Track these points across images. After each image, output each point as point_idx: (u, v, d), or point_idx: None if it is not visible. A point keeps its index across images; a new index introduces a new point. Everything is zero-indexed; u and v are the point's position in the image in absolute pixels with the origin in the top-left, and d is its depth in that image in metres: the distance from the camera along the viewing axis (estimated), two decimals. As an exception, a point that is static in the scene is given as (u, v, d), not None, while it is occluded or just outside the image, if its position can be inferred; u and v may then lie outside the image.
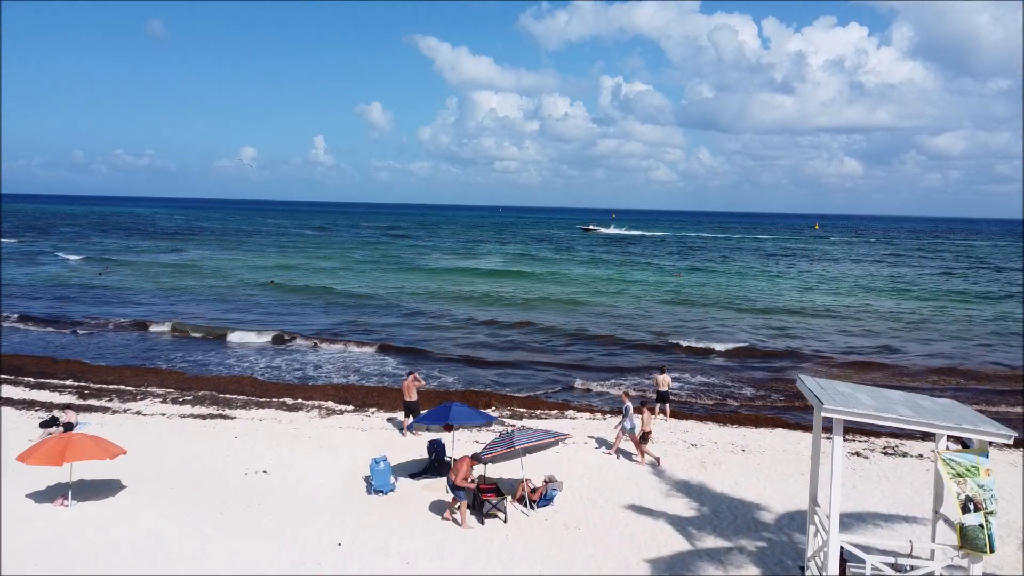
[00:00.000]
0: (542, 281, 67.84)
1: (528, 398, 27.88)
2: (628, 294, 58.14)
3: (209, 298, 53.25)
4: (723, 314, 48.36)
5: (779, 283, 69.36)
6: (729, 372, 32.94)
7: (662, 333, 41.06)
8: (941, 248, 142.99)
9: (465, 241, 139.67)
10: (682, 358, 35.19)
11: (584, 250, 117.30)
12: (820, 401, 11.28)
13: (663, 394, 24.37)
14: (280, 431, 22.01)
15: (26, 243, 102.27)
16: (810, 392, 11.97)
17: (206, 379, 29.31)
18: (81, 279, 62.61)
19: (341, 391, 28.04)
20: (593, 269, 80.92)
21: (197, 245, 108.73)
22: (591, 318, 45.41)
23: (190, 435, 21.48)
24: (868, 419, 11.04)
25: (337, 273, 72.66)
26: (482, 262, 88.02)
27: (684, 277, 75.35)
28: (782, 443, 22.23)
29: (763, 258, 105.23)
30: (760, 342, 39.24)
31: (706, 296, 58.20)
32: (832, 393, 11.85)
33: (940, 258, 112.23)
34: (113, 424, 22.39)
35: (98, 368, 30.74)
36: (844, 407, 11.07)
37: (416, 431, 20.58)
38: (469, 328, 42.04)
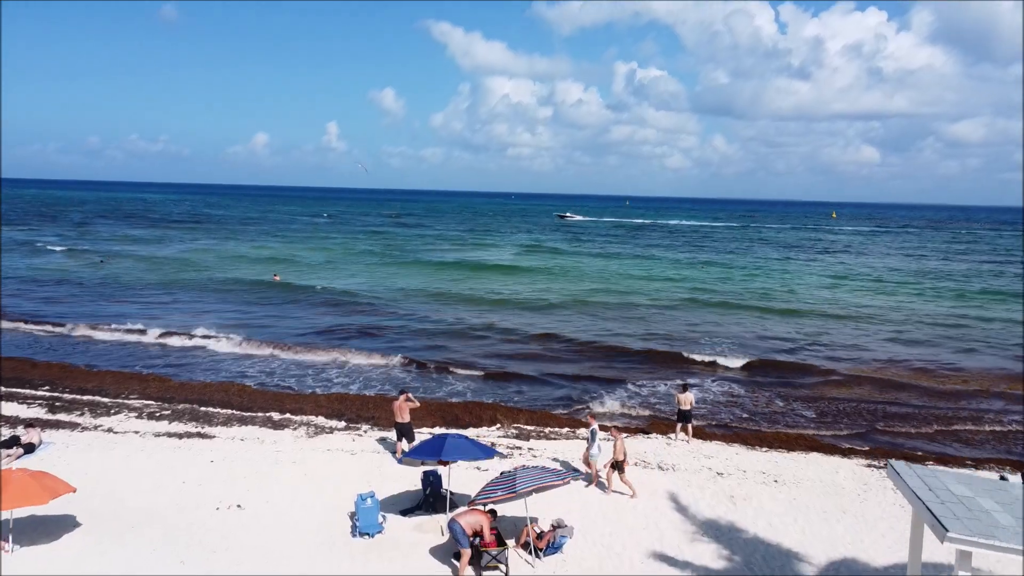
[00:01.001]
0: (553, 276, 64.92)
1: (536, 412, 25.69)
2: (644, 292, 55.02)
3: (208, 294, 51.33)
4: (745, 316, 45.42)
5: (803, 280, 65.89)
6: (754, 382, 30.61)
7: (680, 338, 38.35)
8: (967, 239, 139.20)
9: (471, 230, 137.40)
10: (703, 366, 32.82)
11: (596, 241, 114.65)
12: (945, 529, 8.27)
13: (685, 413, 22.12)
14: (262, 454, 19.95)
15: (23, 231, 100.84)
16: (918, 501, 8.97)
17: (191, 386, 27.32)
18: (62, 273, 60.88)
19: (335, 402, 25.97)
20: (607, 263, 77.45)
21: (203, 234, 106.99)
22: (605, 322, 42.58)
23: (162, 458, 19.45)
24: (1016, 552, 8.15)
25: (341, 267, 70.58)
26: (492, 254, 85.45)
27: (704, 270, 72.67)
28: (818, 471, 19.95)
29: (782, 250, 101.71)
30: (786, 349, 36.70)
31: (725, 294, 55.25)
32: (952, 505, 8.71)
33: (971, 251, 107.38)
34: (80, 444, 20.41)
35: (79, 372, 28.84)
36: (980, 536, 8.06)
37: (407, 460, 18.47)
38: (476, 331, 39.51)
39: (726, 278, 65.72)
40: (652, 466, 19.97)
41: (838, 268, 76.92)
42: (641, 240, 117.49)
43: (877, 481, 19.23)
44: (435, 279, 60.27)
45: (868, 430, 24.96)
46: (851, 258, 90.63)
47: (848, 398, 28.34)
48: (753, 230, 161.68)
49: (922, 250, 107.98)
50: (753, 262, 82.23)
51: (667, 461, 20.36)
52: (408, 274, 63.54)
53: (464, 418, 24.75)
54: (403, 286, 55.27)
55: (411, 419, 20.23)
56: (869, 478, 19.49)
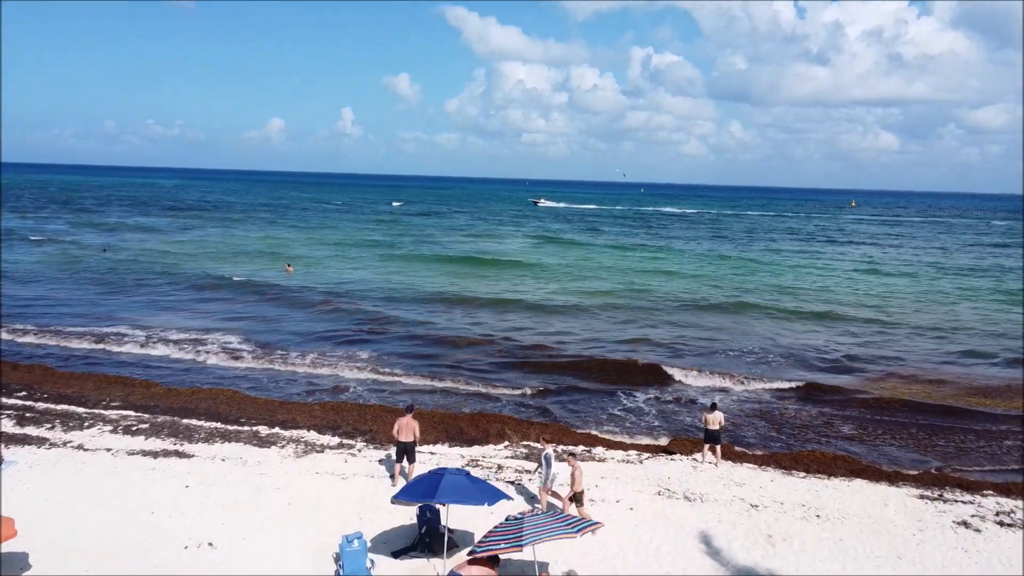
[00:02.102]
0: (568, 273, 61.77)
1: (548, 425, 23.61)
2: (663, 291, 51.49)
3: (210, 289, 49.56)
4: (771, 319, 42.41)
5: (831, 276, 62.40)
6: (785, 394, 28.36)
7: (703, 345, 35.55)
8: (998, 231, 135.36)
9: (483, 219, 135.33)
10: (728, 377, 30.50)
11: (611, 231, 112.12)
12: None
13: (713, 434, 19.95)
14: (243, 478, 17.99)
15: (32, 219, 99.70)
16: None
17: (178, 393, 25.44)
18: (63, 264, 59.41)
19: (330, 412, 24.00)
20: (624, 258, 73.52)
21: (213, 222, 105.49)
22: (622, 325, 39.69)
23: (132, 482, 17.54)
24: None
25: (348, 260, 68.70)
26: (504, 245, 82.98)
27: (726, 264, 69.92)
28: (864, 503, 17.75)
29: (804, 242, 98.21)
30: (818, 356, 34.20)
31: (748, 292, 52.10)
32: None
33: (1007, 244, 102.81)
34: (45, 463, 18.54)
35: (59, 376, 27.01)
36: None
37: (398, 501, 16.41)
38: (485, 334, 36.89)
39: (748, 273, 62.88)
40: (677, 495, 17.85)
41: (866, 263, 73.51)
42: (657, 230, 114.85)
43: (933, 517, 17.02)
44: (444, 275, 57.17)
45: (914, 449, 22.71)
46: (878, 251, 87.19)
47: (889, 412, 26.02)
48: (772, 219, 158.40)
49: (952, 242, 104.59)
50: (775, 255, 79.31)
51: (694, 489, 18.23)
52: (415, 269, 60.45)
53: (470, 432, 22.74)
54: (410, 283, 52.58)
55: (416, 438, 18.28)
56: (923, 513, 17.28)
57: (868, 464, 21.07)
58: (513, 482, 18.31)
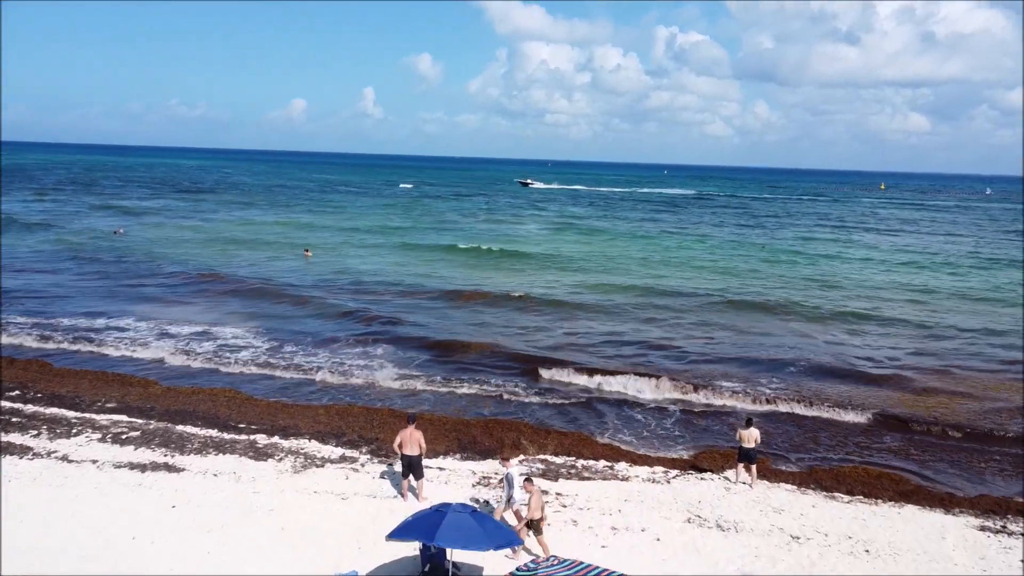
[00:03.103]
0: (589, 264, 58.77)
1: (568, 434, 21.99)
2: (691, 286, 47.64)
3: (226, 276, 48.37)
4: (807, 318, 39.01)
5: (867, 267, 58.67)
6: (823, 400, 26.46)
7: (736, 344, 33.26)
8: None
9: (501, 201, 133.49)
10: (761, 381, 28.61)
11: (635, 216, 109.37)
12: None
13: (748, 452, 18.21)
14: (235, 496, 16.59)
15: (49, 200, 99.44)
16: None
17: (177, 393, 24.14)
18: (75, 247, 58.58)
19: (335, 416, 22.58)
20: (649, 247, 69.32)
21: (232, 204, 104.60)
22: (646, 325, 36.79)
23: (116, 500, 16.20)
24: None
25: (367, 245, 67.14)
26: (523, 232, 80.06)
27: (762, 251, 67.27)
28: (918, 535, 15.97)
29: (836, 229, 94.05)
30: (857, 359, 31.91)
31: (780, 286, 49.07)
32: None
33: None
34: (26, 476, 17.28)
35: (56, 373, 25.84)
36: None
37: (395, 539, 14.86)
38: (503, 329, 34.99)
39: (780, 264, 59.49)
40: (708, 523, 16.18)
41: (903, 253, 69.56)
42: (683, 215, 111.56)
43: (998, 555, 15.22)
44: (461, 267, 53.82)
45: (966, 466, 20.81)
46: (915, 240, 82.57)
47: (936, 423, 24.04)
48: (800, 203, 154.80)
49: (994, 229, 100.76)
50: (807, 244, 75.56)
51: (727, 516, 16.54)
52: (432, 260, 57.02)
53: (483, 440, 21.22)
54: (426, 274, 49.49)
55: (422, 450, 16.83)
56: (986, 548, 15.48)
57: (917, 485, 19.25)
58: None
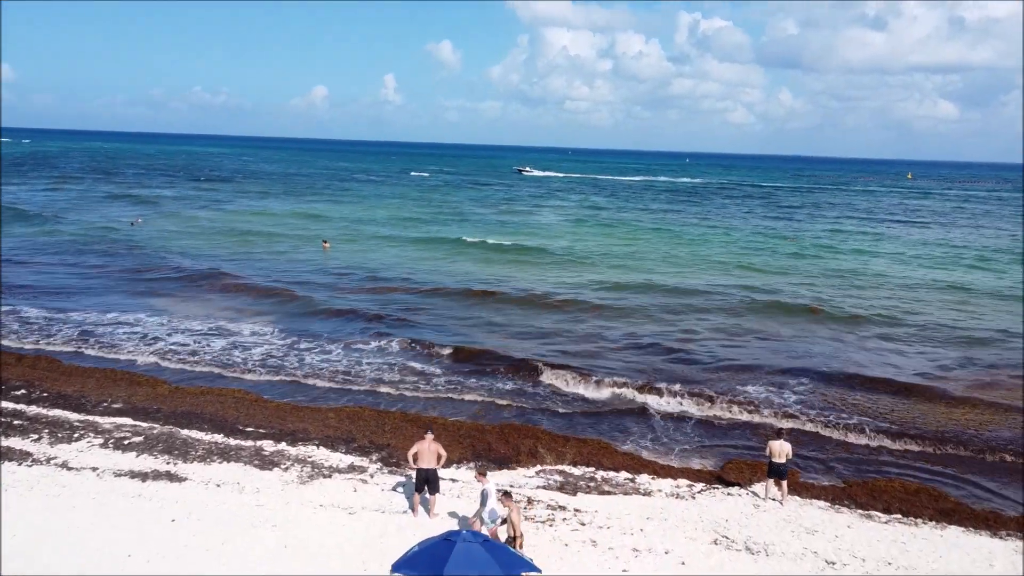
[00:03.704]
0: (609, 258, 56.81)
1: (588, 441, 21.04)
2: (717, 286, 45.11)
3: (240, 265, 47.87)
4: (838, 322, 36.39)
5: (901, 265, 55.45)
6: (855, 407, 25.29)
7: (760, 351, 31.50)
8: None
9: (522, 191, 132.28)
10: (788, 385, 27.40)
11: (657, 207, 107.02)
12: None
13: (778, 467, 17.14)
14: (237, 510, 15.83)
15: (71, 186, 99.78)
16: None
17: (185, 393, 23.50)
18: (92, 237, 58.37)
19: (345, 420, 21.81)
20: (674, 241, 66.84)
21: (251, 194, 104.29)
22: (668, 328, 34.64)
23: (114, 512, 15.52)
24: None
25: (384, 238, 66.10)
26: (542, 225, 78.28)
27: (792, 244, 65.06)
28: (963, 561, 14.86)
29: (865, 221, 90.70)
30: (893, 366, 30.42)
31: (812, 284, 46.41)
32: None
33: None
34: (22, 485, 16.64)
35: (65, 371, 25.29)
36: None
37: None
38: (519, 329, 33.44)
39: (810, 259, 56.66)
40: (737, 545, 15.17)
41: (938, 247, 66.70)
42: (707, 206, 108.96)
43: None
44: (478, 263, 51.13)
45: (1011, 482, 19.60)
46: (948, 233, 78.80)
47: (977, 434, 22.77)
48: (827, 193, 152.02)
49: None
50: (837, 238, 72.25)
51: (757, 537, 15.52)
52: (451, 255, 54.26)
53: (498, 448, 20.37)
54: (445, 271, 47.13)
55: (442, 461, 16.07)
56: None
57: (958, 501, 18.10)
58: (545, 522, 15.83)
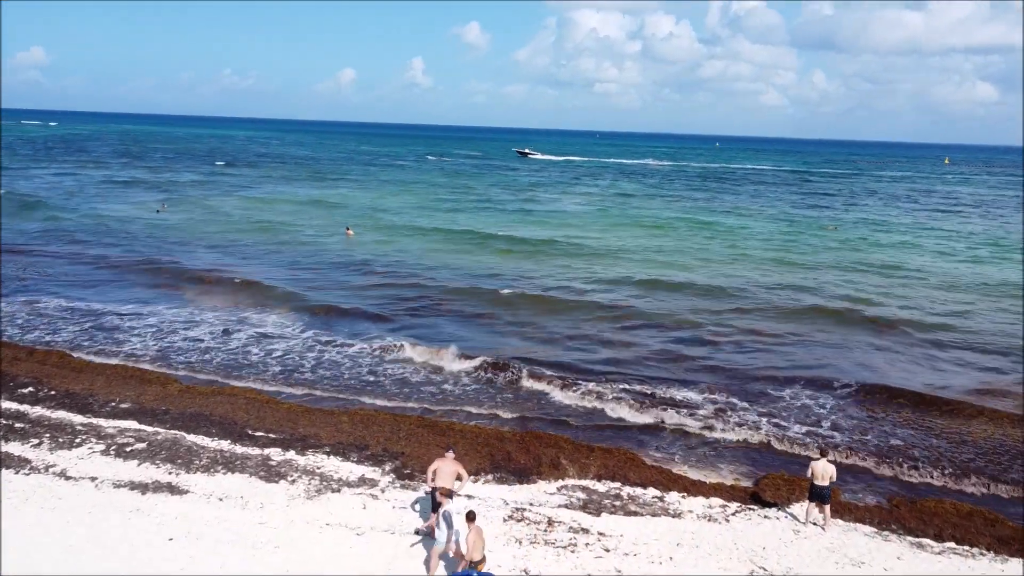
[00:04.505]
0: (637, 251, 53.20)
1: (613, 451, 19.85)
2: (752, 285, 41.54)
3: (264, 256, 47.22)
4: (884, 327, 33.49)
5: (947, 259, 52.10)
6: (899, 421, 23.80)
7: (801, 358, 29.02)
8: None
9: (551, 180, 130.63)
10: (827, 395, 25.91)
11: (688, 194, 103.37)
12: None
13: (820, 491, 15.78)
14: (239, 528, 14.90)
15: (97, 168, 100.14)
16: None
17: (195, 392, 22.68)
18: (116, 222, 58.01)
19: (359, 425, 20.83)
20: (703, 230, 63.81)
21: (277, 179, 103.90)
22: (698, 331, 31.92)
23: (110, 528, 14.66)
24: None
25: (406, 228, 64.90)
26: (568, 214, 76.23)
27: (832, 235, 62.60)
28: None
29: (906, 209, 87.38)
30: (939, 373, 28.62)
31: (853, 281, 43.64)
32: None
33: None
34: (17, 496, 15.87)
35: (76, 366, 24.64)
36: None
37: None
38: (542, 329, 31.60)
39: (851, 252, 53.67)
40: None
41: (985, 238, 63.13)
42: (739, 193, 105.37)
43: None
44: (501, 256, 48.65)
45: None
46: (994, 224, 74.54)
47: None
48: (863, 178, 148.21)
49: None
50: (877, 228, 68.67)
51: (798, 570, 14.24)
52: (471, 245, 52.23)
53: (518, 458, 19.26)
54: (468, 266, 44.68)
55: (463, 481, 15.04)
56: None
57: (1017, 527, 16.64)
58: (567, 547, 14.71)
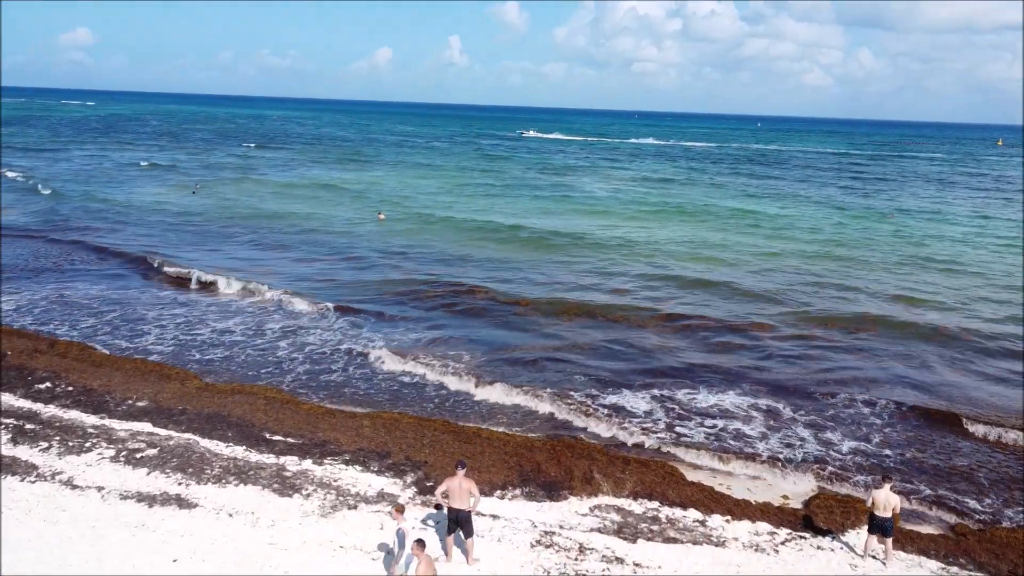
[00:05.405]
0: (677, 245, 48.84)
1: (651, 464, 18.49)
2: (803, 288, 37.63)
3: (295, 242, 46.49)
4: (952, 341, 29.70)
5: (1011, 255, 48.23)
6: (964, 435, 22.03)
7: (856, 366, 26.68)
8: None
9: (583, 164, 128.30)
10: (884, 407, 24.30)
11: (729, 180, 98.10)
12: None
13: (882, 523, 14.26)
14: (246, 550, 13.93)
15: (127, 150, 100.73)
16: None
17: (214, 391, 21.82)
18: (151, 203, 57.76)
19: (381, 428, 19.77)
20: (744, 219, 60.12)
21: (312, 163, 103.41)
22: (744, 338, 29.30)
23: (112, 546, 13.81)
24: None
25: (442, 207, 63.90)
26: (603, 192, 74.81)
27: (891, 223, 59.68)
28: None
29: (964, 197, 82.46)
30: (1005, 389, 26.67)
31: (905, 281, 40.11)
32: None
33: None
34: (21, 506, 15.12)
35: (95, 359, 23.95)
36: None
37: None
38: (579, 331, 29.63)
39: (911, 246, 49.70)
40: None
41: None
42: (784, 178, 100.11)
43: None
44: (535, 249, 45.61)
45: None
46: None
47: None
48: (915, 162, 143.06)
49: None
50: (936, 219, 63.99)
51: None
52: (504, 237, 48.92)
53: (548, 470, 18.04)
54: (502, 258, 42.52)
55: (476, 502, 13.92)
56: None
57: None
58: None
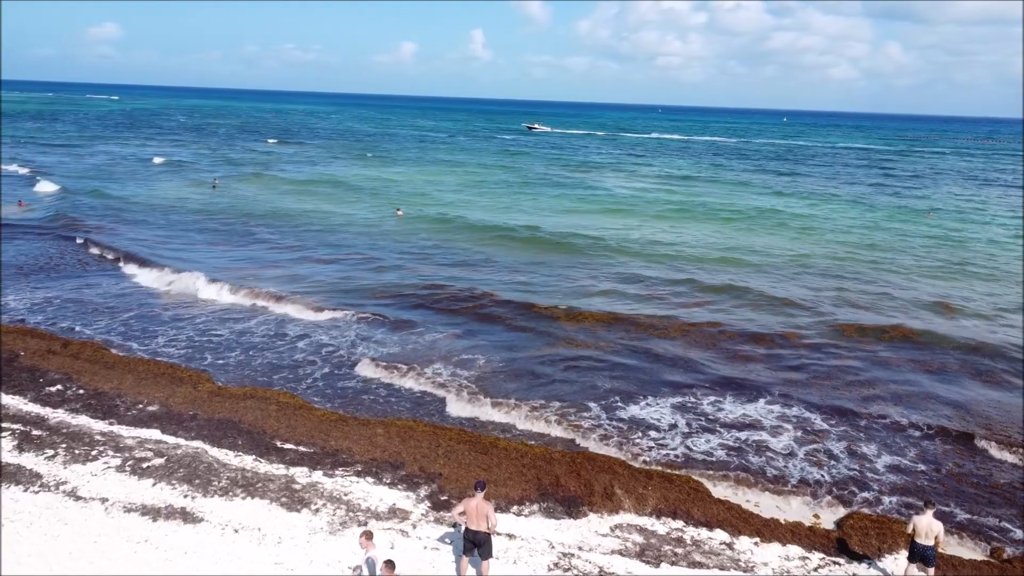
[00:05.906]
0: (705, 249, 46.72)
1: (675, 480, 17.69)
2: (839, 299, 35.55)
3: (320, 235, 46.19)
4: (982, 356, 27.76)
5: None
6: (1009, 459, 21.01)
7: (884, 385, 25.49)
8: None
9: (609, 160, 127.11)
10: (916, 424, 23.32)
11: (756, 178, 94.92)
12: None
13: (923, 551, 13.38)
14: (250, 569, 13.36)
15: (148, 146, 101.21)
16: None
17: (227, 395, 21.32)
18: (172, 199, 57.68)
19: (396, 437, 19.14)
20: (773, 217, 58.60)
21: (334, 159, 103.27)
22: (775, 349, 28.28)
23: (112, 563, 13.31)
24: None
25: (462, 204, 63.44)
26: (624, 190, 74.23)
27: (929, 221, 58.20)
28: None
29: (1003, 194, 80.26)
30: None
31: (951, 288, 38.86)
32: None
33: None
34: (23, 518, 14.67)
35: (109, 360, 23.57)
36: None
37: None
38: (601, 337, 28.69)
39: (952, 247, 48.06)
40: (871, 663, 11.67)
41: None
42: (812, 175, 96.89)
43: None
44: (556, 251, 44.08)
45: None
46: None
47: None
48: (949, 157, 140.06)
49: None
50: (974, 218, 62.04)
51: (897, 652, 11.97)
52: (525, 243, 46.01)
53: (568, 484, 17.31)
54: (523, 259, 41.22)
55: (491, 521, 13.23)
56: None
57: None
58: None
